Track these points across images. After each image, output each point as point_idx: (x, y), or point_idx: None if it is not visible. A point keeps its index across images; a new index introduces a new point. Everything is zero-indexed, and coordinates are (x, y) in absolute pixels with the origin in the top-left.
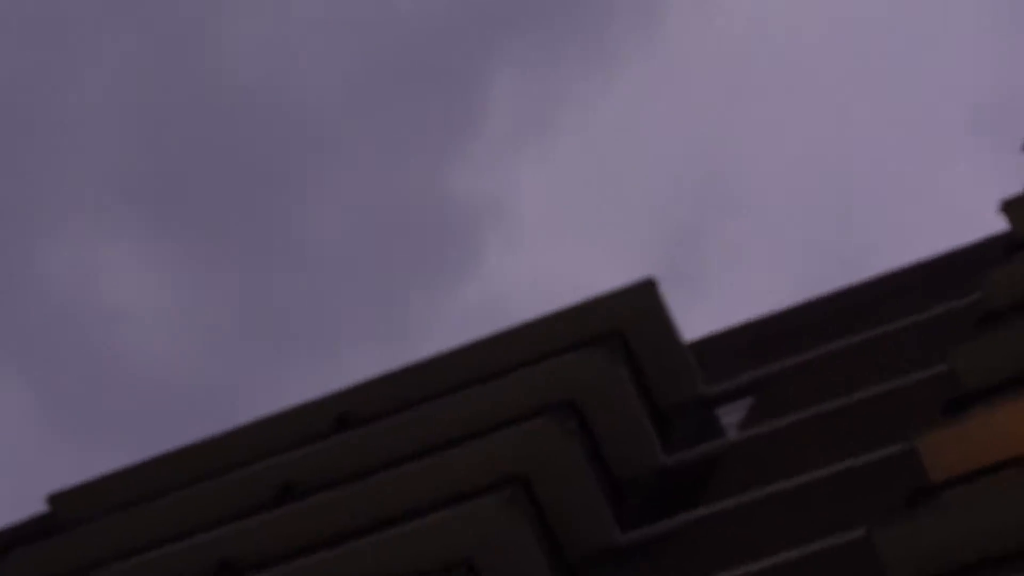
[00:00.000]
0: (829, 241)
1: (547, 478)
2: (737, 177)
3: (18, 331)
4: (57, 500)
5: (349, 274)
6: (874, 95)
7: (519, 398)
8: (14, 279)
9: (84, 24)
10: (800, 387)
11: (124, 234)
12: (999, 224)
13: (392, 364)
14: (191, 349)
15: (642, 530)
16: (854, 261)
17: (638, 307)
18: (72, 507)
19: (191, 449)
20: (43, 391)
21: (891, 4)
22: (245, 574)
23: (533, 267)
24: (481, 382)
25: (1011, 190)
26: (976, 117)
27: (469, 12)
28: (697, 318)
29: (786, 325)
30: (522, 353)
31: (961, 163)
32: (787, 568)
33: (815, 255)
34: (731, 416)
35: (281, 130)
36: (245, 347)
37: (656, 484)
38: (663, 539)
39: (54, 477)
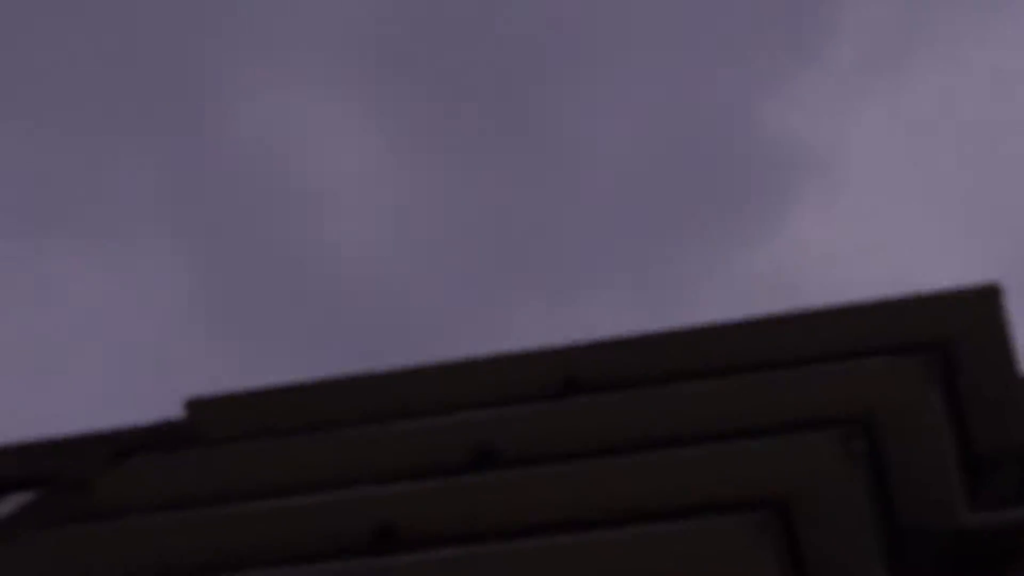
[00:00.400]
0: None
1: (811, 507)
2: None
3: (189, 196)
4: (196, 407)
5: (614, 203)
6: None
7: (796, 401)
8: (197, 132)
9: None
10: None
11: (352, 99)
12: None
13: (641, 325)
14: (401, 254)
15: None
16: None
17: (972, 318)
18: (213, 419)
19: (373, 379)
20: (207, 274)
21: None
22: (409, 548)
23: (843, 239)
24: (751, 371)
25: None
26: None
27: None
28: None
29: None
30: (811, 346)
31: None
32: None
33: None
34: None
35: (571, 12)
36: (467, 264)
37: (950, 546)
38: None
39: (199, 380)
